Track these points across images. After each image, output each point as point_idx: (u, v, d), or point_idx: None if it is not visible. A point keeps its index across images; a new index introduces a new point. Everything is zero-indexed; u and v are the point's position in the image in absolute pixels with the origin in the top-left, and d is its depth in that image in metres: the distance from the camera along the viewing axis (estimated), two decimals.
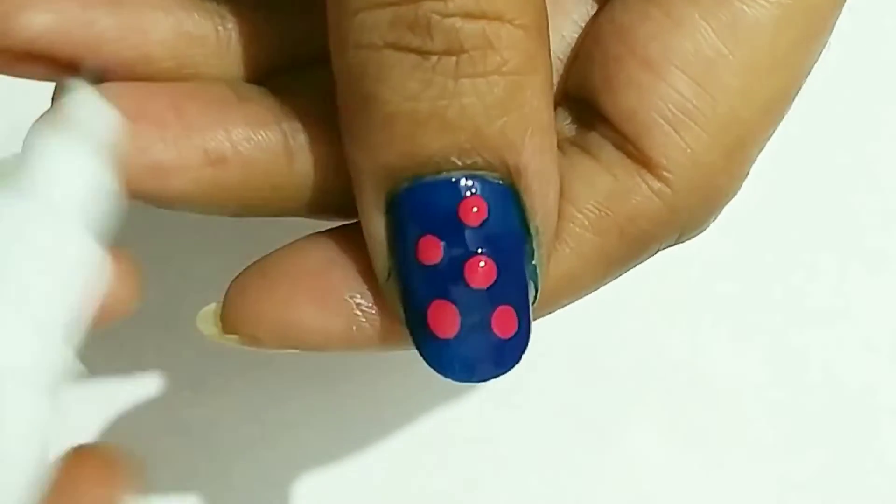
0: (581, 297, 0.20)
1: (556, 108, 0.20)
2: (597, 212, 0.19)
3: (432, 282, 0.17)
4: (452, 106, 0.17)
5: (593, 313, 0.29)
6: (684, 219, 0.19)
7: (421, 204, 0.17)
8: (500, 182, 0.17)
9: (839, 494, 0.30)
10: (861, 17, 0.20)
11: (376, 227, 0.18)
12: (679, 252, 0.20)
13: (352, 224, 0.19)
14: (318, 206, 0.19)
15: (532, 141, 0.17)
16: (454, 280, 0.17)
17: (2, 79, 0.18)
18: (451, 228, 0.17)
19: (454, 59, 0.16)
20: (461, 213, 0.17)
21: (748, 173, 0.20)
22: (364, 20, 0.16)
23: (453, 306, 0.17)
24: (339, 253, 0.19)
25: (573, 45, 0.20)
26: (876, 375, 0.30)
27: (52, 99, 0.19)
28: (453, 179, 0.17)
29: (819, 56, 0.19)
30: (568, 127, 0.20)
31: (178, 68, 0.19)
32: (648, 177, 0.19)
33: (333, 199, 0.19)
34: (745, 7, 0.18)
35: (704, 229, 0.20)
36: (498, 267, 0.17)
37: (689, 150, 0.18)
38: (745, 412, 0.30)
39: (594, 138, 0.19)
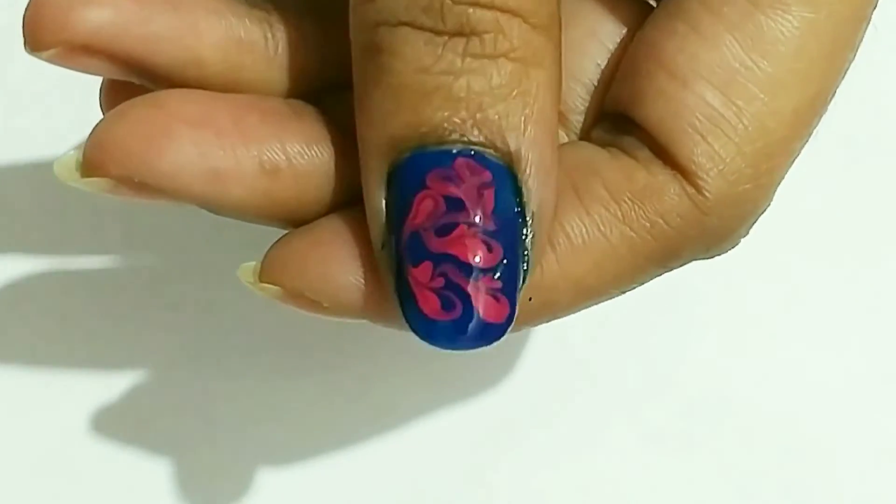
0: (605, 297, 0.20)
1: (592, 126, 0.21)
2: (630, 203, 0.19)
3: (422, 246, 0.18)
4: (458, 81, 0.17)
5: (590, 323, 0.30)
6: (714, 225, 0.19)
7: (421, 172, 0.18)
8: (500, 163, 0.18)
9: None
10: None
11: (377, 197, 0.18)
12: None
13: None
14: None
15: (534, 129, 0.18)
16: (444, 245, 0.18)
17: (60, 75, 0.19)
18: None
19: (464, 39, 0.17)
20: None
21: (778, 184, 0.20)
22: (383, 3, 0.17)
23: (440, 276, 0.18)
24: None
25: (604, 66, 0.21)
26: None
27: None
28: (454, 151, 0.18)
29: (847, 69, 0.20)
30: (606, 136, 0.20)
31: (227, 72, 0.20)
32: (682, 179, 0.19)
33: None
34: (770, 20, 0.19)
35: (735, 244, 0.20)
36: (489, 244, 0.18)
37: (717, 158, 0.19)
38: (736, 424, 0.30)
39: (632, 142, 0.20)
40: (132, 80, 0.19)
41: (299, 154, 0.19)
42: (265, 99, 0.20)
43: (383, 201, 0.18)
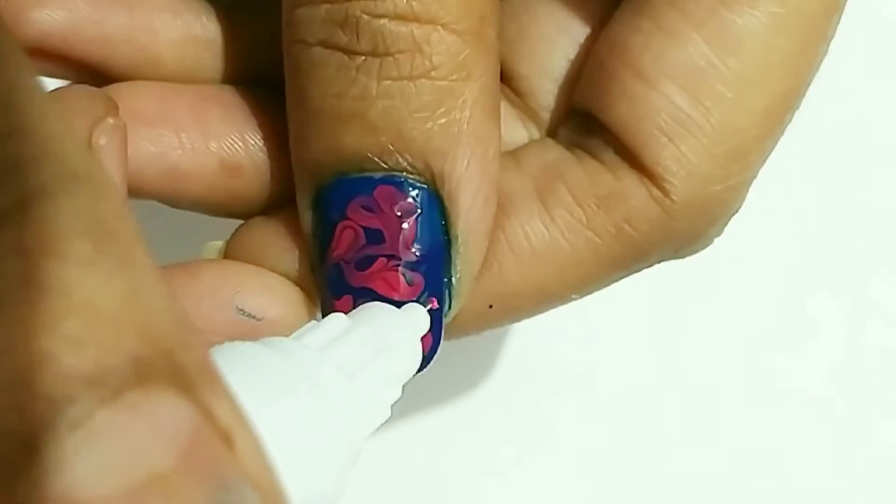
0: (567, 301, 0.19)
1: (560, 124, 0.20)
2: (595, 208, 0.19)
3: (342, 279, 0.18)
4: (375, 107, 0.17)
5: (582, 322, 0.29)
6: (682, 228, 0.19)
7: (342, 200, 0.17)
8: (425, 187, 0.17)
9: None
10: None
11: (306, 219, 0.18)
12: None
13: None
14: None
15: (460, 148, 0.17)
16: (363, 279, 0.18)
17: None
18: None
19: (378, 60, 0.17)
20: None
21: (749, 185, 0.19)
22: (301, 16, 0.17)
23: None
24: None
25: (574, 62, 0.20)
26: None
27: None
28: (376, 177, 0.17)
29: (818, 65, 0.19)
30: (573, 135, 0.20)
31: (185, 72, 0.19)
32: (648, 183, 0.19)
33: None
34: (736, 16, 0.18)
35: (707, 244, 0.20)
36: (410, 277, 0.18)
37: (684, 160, 0.18)
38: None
39: (598, 144, 0.19)
40: (87, 84, 0.19)
41: (260, 150, 0.19)
42: (226, 90, 0.19)
43: (311, 224, 0.18)
